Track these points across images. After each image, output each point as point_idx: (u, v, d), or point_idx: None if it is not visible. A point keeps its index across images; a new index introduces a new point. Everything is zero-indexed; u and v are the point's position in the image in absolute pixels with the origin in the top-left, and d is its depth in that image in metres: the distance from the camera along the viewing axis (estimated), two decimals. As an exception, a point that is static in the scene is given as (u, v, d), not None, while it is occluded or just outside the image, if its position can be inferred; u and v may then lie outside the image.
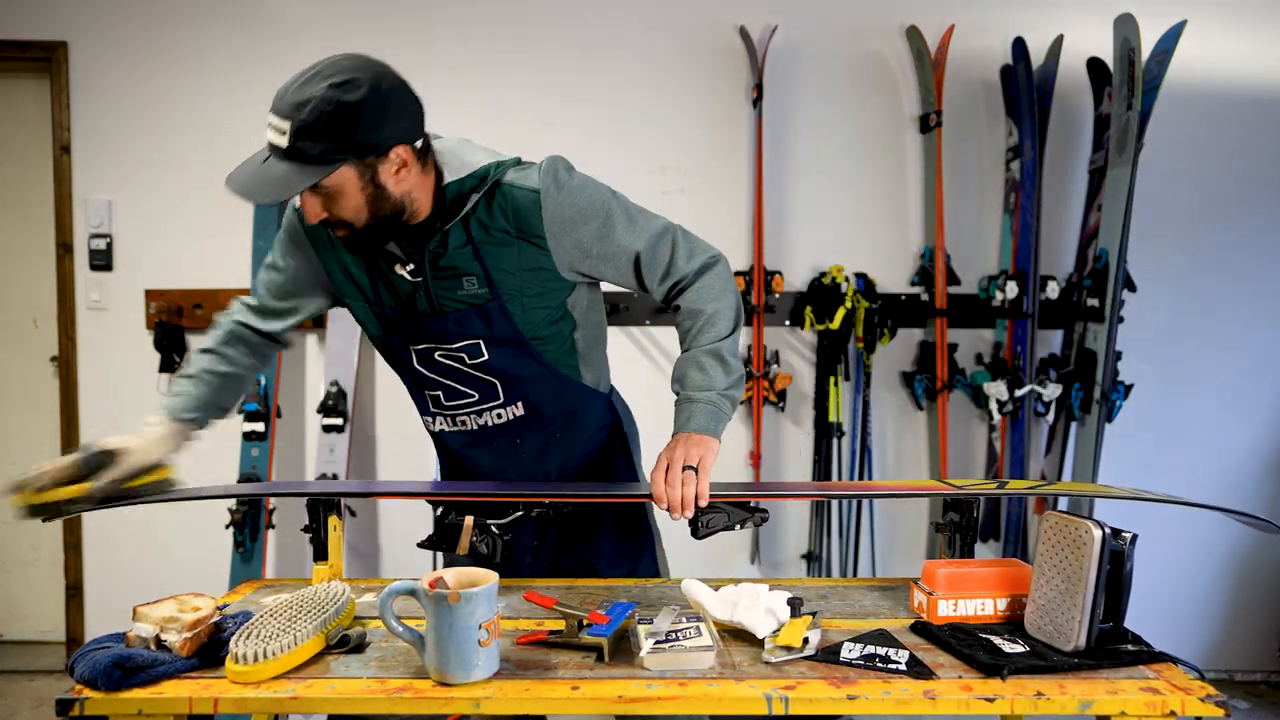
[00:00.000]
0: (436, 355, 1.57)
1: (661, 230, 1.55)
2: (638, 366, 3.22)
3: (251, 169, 1.38)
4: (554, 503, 1.56)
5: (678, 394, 1.53)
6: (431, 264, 1.50)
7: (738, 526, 1.48)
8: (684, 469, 1.41)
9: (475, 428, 1.63)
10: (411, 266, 1.50)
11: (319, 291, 1.63)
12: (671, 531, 1.77)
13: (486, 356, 1.55)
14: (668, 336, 3.22)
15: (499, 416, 1.62)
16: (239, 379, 1.64)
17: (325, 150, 1.33)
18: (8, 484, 1.41)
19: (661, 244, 1.55)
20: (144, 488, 1.49)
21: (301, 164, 1.34)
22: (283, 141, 1.33)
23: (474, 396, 1.60)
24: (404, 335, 1.57)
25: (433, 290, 1.52)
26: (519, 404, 1.60)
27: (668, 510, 1.42)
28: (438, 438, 1.71)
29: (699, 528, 1.44)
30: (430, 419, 1.68)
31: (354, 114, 1.33)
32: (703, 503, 1.42)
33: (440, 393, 1.62)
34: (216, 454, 3.23)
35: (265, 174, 1.36)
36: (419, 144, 1.43)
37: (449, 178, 1.47)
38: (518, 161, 1.52)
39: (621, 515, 1.74)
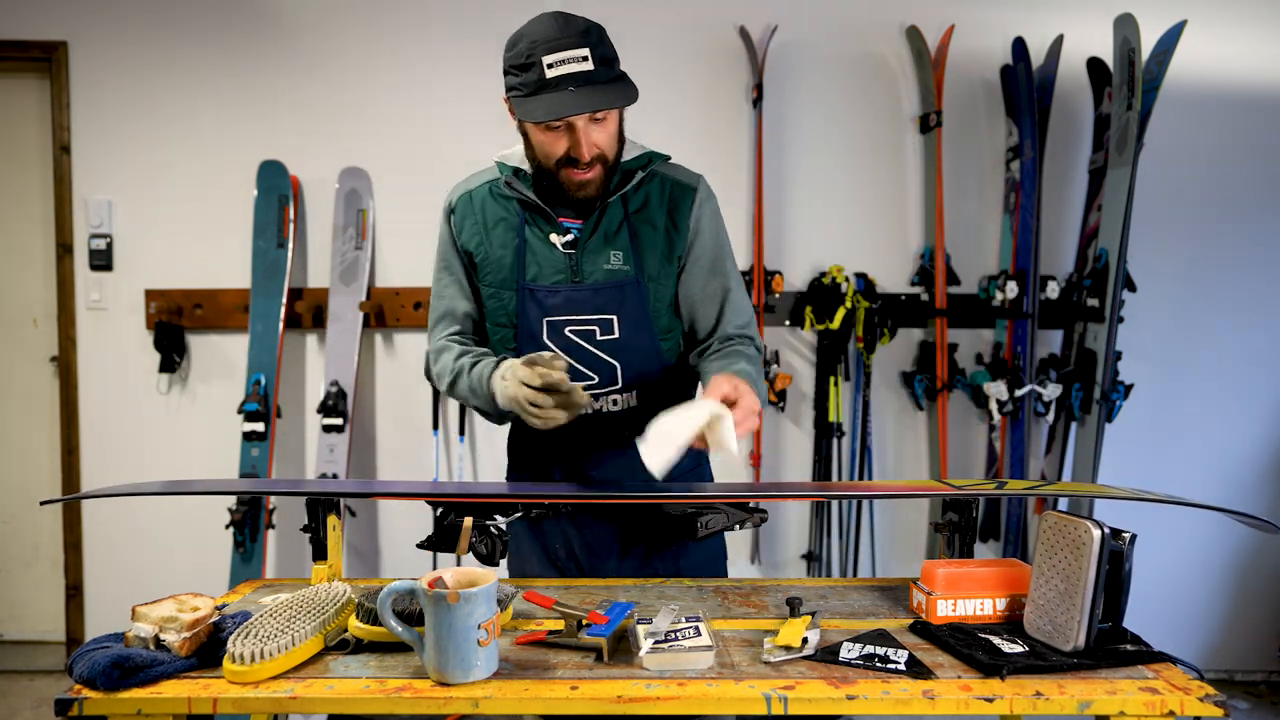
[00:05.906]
0: (568, 330, 1.58)
1: (744, 282, 1.69)
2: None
3: (564, 97, 1.44)
4: (553, 503, 1.56)
5: (721, 369, 1.54)
6: (590, 231, 1.57)
7: (737, 526, 1.48)
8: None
9: (589, 412, 1.58)
10: (570, 236, 1.57)
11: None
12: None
13: (617, 335, 1.58)
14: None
15: (614, 403, 1.61)
16: None
17: (618, 68, 1.49)
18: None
19: (745, 296, 1.67)
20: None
21: (604, 84, 1.46)
22: (587, 66, 1.44)
23: (594, 379, 1.60)
24: (542, 307, 1.58)
25: (583, 258, 1.57)
26: (634, 394, 1.61)
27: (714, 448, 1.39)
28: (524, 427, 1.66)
29: (698, 528, 1.44)
30: None
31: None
32: (752, 425, 1.42)
33: None
34: (217, 454, 3.23)
35: (589, 94, 1.44)
36: None
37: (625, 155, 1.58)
38: (668, 158, 1.65)
39: None
